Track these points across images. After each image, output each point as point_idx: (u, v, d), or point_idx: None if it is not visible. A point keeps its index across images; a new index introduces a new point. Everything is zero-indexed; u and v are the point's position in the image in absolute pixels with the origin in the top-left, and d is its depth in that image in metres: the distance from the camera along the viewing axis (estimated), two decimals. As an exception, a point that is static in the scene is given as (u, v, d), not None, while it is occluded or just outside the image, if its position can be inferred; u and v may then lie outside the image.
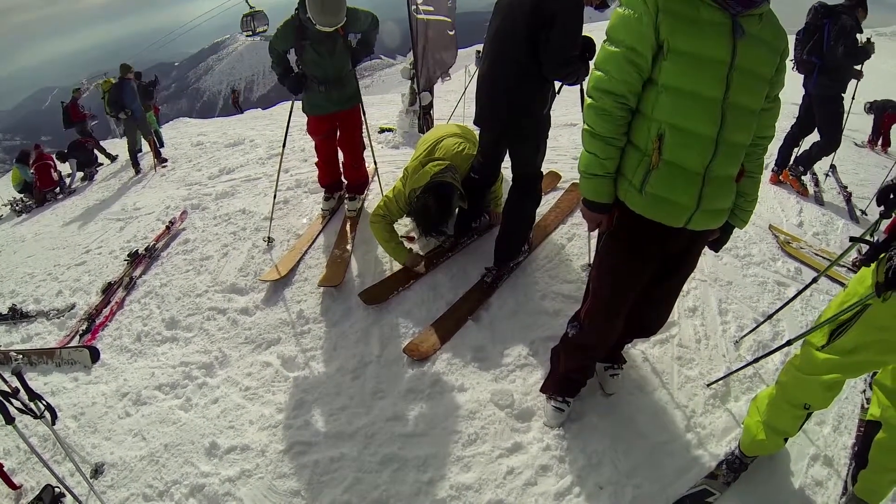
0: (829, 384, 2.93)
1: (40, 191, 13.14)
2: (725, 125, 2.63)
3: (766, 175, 7.67)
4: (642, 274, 3.12)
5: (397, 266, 5.19)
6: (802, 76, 7.38)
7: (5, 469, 3.98)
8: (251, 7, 15.63)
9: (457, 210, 5.03)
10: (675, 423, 3.76)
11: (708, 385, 4.01)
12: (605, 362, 3.91)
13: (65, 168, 14.22)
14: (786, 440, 3.29)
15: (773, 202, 7.09)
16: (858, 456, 3.39)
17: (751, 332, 4.43)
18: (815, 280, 4.35)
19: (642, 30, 2.59)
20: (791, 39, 6.31)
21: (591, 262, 4.68)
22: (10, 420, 3.33)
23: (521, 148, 4.60)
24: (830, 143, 7.43)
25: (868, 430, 3.28)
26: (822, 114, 7.33)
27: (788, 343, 3.93)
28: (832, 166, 8.40)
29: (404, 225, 5.46)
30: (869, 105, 13.27)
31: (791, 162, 7.80)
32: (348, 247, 5.66)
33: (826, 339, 2.86)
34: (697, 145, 2.68)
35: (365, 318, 4.78)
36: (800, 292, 4.46)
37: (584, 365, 3.65)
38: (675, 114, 2.66)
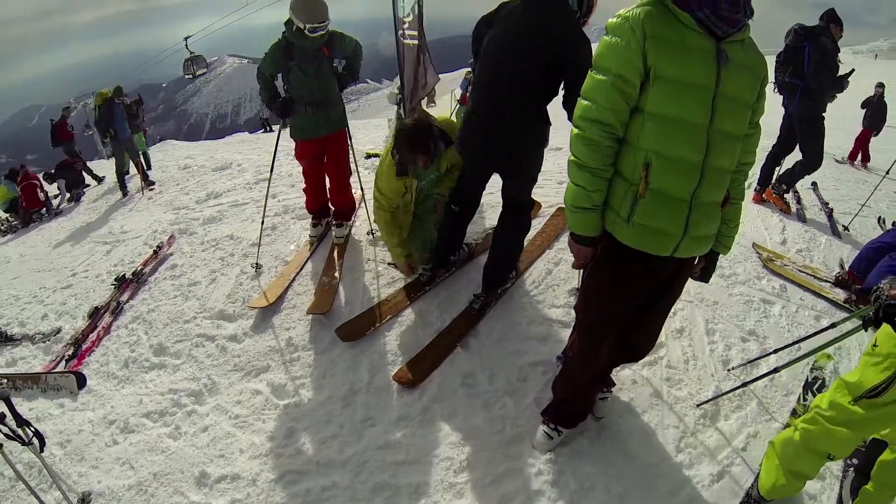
0: (860, 437, 2.97)
1: (26, 211, 13.06)
2: (711, 151, 2.66)
3: (749, 194, 7.73)
4: (629, 304, 3.14)
5: (385, 294, 5.20)
6: (782, 96, 7.49)
7: None
8: (191, 52, 16.26)
9: (438, 155, 4.84)
10: (666, 443, 3.78)
11: (698, 405, 4.04)
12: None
13: (52, 189, 14.14)
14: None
15: (757, 221, 7.20)
16: (859, 471, 3.43)
17: (747, 363, 4.44)
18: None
19: (630, 56, 2.59)
20: (770, 61, 6.40)
21: (579, 286, 4.68)
22: None
23: (516, 181, 4.60)
24: (813, 162, 7.53)
25: (872, 446, 3.30)
26: (805, 134, 7.45)
27: (776, 370, 4.04)
28: (813, 183, 8.61)
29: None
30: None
31: (773, 181, 7.89)
32: (336, 274, 5.67)
33: (862, 394, 2.79)
34: (684, 172, 2.69)
35: (354, 346, 4.77)
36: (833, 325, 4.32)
37: (576, 395, 3.64)
38: (661, 141, 2.66)
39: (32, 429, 3.42)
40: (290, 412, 4.32)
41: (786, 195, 7.83)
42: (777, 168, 7.93)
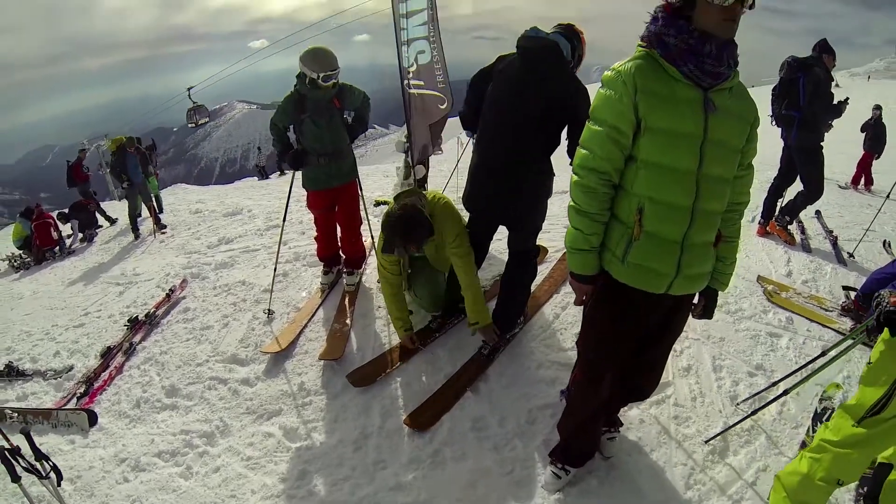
0: (868, 457, 3.02)
1: (39, 249, 13.18)
2: (700, 195, 2.79)
3: (753, 228, 7.83)
4: (627, 339, 3.26)
5: (396, 340, 5.24)
6: (780, 128, 7.57)
7: None
8: (194, 102, 16.75)
9: (426, 241, 4.73)
10: (675, 481, 3.78)
11: (706, 441, 4.04)
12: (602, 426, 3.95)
13: (65, 228, 14.30)
14: None
15: (762, 254, 7.21)
16: (868, 497, 3.37)
17: (754, 396, 4.43)
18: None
19: (622, 109, 2.75)
20: (765, 92, 6.49)
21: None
22: (16, 478, 3.34)
23: (522, 232, 4.77)
24: (814, 192, 7.57)
25: (879, 471, 3.28)
26: (805, 165, 7.49)
27: (785, 393, 4.07)
28: (817, 212, 8.57)
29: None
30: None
31: (777, 213, 7.92)
32: (348, 321, 5.74)
33: (864, 413, 2.88)
34: (675, 216, 2.84)
35: (365, 391, 4.82)
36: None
37: (579, 431, 3.69)
38: (653, 187, 2.82)
39: (51, 463, 3.46)
40: (303, 455, 4.35)
41: (789, 226, 7.86)
42: (780, 200, 7.94)
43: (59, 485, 3.54)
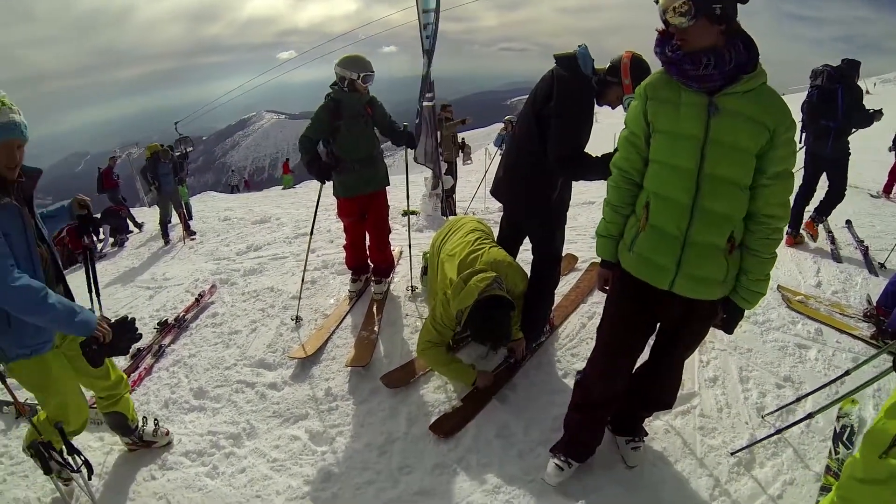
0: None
1: (71, 252, 13.35)
2: (701, 194, 2.92)
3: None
4: (636, 325, 3.44)
5: None
6: (802, 136, 7.58)
7: None
8: (180, 134, 17.74)
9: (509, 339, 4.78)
10: (699, 493, 3.75)
11: (732, 453, 4.01)
12: (626, 435, 3.98)
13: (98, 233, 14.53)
14: None
15: (790, 264, 7.14)
16: None
17: (782, 409, 4.38)
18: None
19: (637, 115, 3.09)
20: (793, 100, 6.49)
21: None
22: (48, 471, 3.46)
23: (536, 232, 4.90)
24: (840, 194, 7.73)
25: None
26: (836, 172, 7.62)
27: (810, 416, 3.99)
28: (848, 221, 8.47)
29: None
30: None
31: (811, 216, 8.00)
32: (375, 328, 5.80)
33: (888, 446, 2.71)
34: (674, 211, 3.00)
35: (392, 397, 4.87)
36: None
37: (587, 422, 3.78)
38: (657, 183, 3.08)
39: (82, 458, 3.54)
40: (328, 458, 4.40)
41: (819, 224, 7.97)
42: (806, 207, 7.96)
43: (89, 479, 3.61)
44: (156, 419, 4.74)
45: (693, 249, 3.00)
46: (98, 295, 4.56)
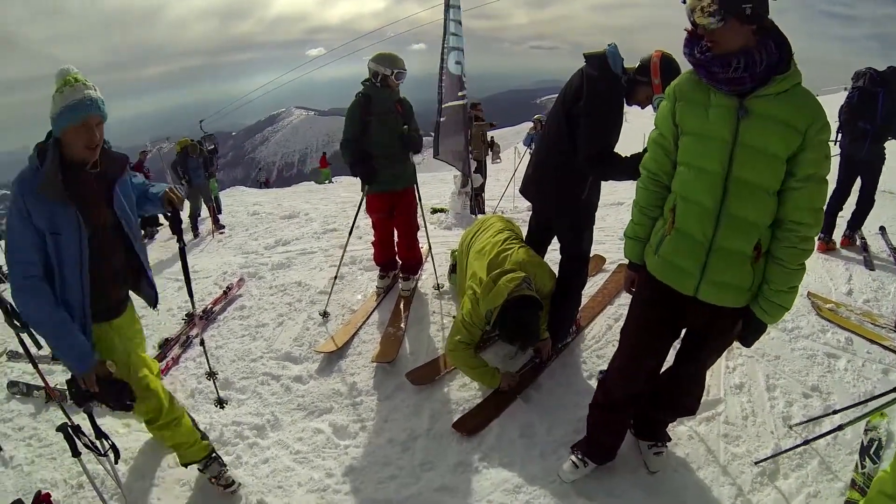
0: None
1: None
2: (728, 198, 2.85)
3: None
4: (660, 332, 3.42)
5: None
6: (837, 137, 7.53)
7: (52, 499, 4.10)
8: (204, 132, 17.96)
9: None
10: (721, 501, 3.71)
11: (756, 463, 3.95)
12: (649, 440, 3.96)
13: None
14: None
15: (822, 271, 6.99)
16: None
17: (810, 421, 4.31)
18: None
19: (666, 116, 3.07)
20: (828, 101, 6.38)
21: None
22: (76, 453, 3.50)
23: (564, 231, 4.92)
24: (870, 200, 7.64)
25: None
26: (869, 175, 7.53)
27: (839, 428, 3.89)
28: (882, 227, 8.29)
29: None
30: None
31: (846, 230, 7.85)
32: (402, 325, 5.85)
33: None
34: (700, 215, 2.95)
35: (416, 394, 4.91)
36: None
37: (607, 423, 3.77)
38: (684, 186, 3.03)
39: (110, 442, 3.61)
40: (350, 452, 4.45)
41: (854, 235, 7.85)
42: (839, 211, 7.87)
43: (115, 463, 3.68)
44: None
45: (718, 255, 2.94)
46: (190, 292, 4.53)
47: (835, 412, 4.27)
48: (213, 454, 4.19)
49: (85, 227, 3.19)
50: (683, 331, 3.50)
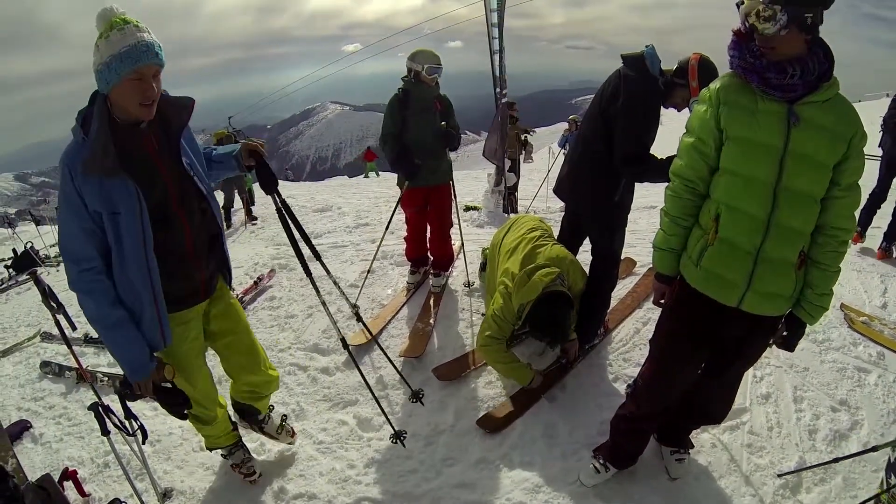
0: None
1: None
2: (778, 208, 2.78)
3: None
4: (696, 347, 3.33)
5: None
6: (881, 138, 7.63)
7: (79, 476, 4.19)
8: (233, 128, 17.99)
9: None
10: (742, 511, 3.67)
11: (779, 475, 3.90)
12: (672, 446, 3.94)
13: None
14: None
15: (856, 283, 6.85)
16: None
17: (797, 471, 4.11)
18: None
19: (707, 121, 2.91)
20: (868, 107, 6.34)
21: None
22: (105, 432, 3.54)
23: (595, 232, 4.91)
24: None
25: None
26: None
27: (874, 449, 3.77)
28: None
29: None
30: None
31: (882, 243, 7.76)
32: (431, 321, 5.89)
33: None
34: (748, 225, 2.86)
35: (442, 389, 4.94)
36: None
37: (632, 432, 3.75)
38: (730, 195, 2.89)
39: (138, 423, 3.65)
40: (373, 445, 4.50)
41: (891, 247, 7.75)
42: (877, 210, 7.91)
43: (143, 443, 3.75)
44: (284, 415, 4.47)
45: (766, 265, 2.89)
46: (317, 255, 4.57)
47: (873, 449, 4.05)
48: (240, 443, 4.17)
49: (146, 202, 2.79)
50: (714, 340, 3.40)
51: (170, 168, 2.91)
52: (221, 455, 4.22)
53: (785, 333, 3.16)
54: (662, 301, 3.42)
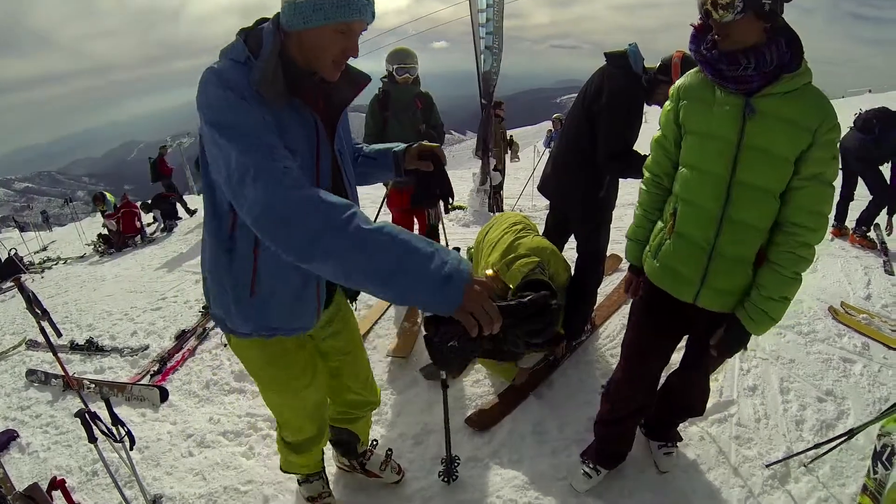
0: None
1: (122, 236, 13.78)
2: (731, 203, 2.73)
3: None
4: (661, 340, 3.37)
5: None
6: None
7: (67, 485, 4.15)
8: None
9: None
10: (731, 503, 3.70)
11: (767, 466, 3.93)
12: (659, 440, 3.96)
13: (147, 217, 15.06)
14: None
15: (840, 275, 6.96)
16: None
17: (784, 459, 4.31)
18: None
19: (669, 117, 2.98)
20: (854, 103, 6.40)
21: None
22: (92, 440, 3.48)
23: (581, 229, 4.91)
24: (881, 195, 7.87)
25: None
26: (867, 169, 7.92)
27: (850, 434, 3.84)
28: None
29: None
30: None
31: (855, 225, 8.10)
32: (418, 320, 5.86)
33: None
34: (702, 220, 2.84)
35: (429, 389, 4.90)
36: None
37: (614, 433, 3.74)
38: (686, 189, 2.91)
39: (125, 429, 3.60)
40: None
41: (868, 234, 7.99)
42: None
43: (131, 449, 3.68)
44: (389, 450, 4.04)
45: (720, 261, 2.83)
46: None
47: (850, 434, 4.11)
48: (322, 472, 3.72)
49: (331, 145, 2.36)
50: (684, 334, 3.44)
51: (323, 150, 2.36)
52: (297, 482, 3.83)
53: (722, 333, 2.96)
54: (632, 291, 3.47)
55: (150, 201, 15.72)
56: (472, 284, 1.76)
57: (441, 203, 3.09)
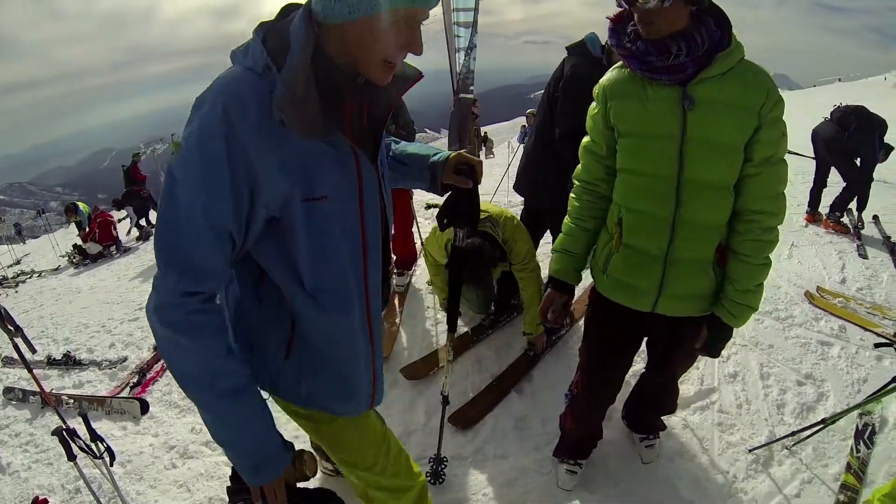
0: None
1: (99, 245, 13.64)
2: (683, 204, 2.51)
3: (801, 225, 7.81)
4: (619, 353, 3.22)
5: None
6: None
7: None
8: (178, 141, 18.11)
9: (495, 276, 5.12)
10: (716, 488, 3.72)
11: (750, 451, 3.96)
12: (641, 433, 3.96)
13: (119, 214, 14.96)
14: None
15: (815, 260, 7.05)
16: None
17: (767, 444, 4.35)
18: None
19: (597, 120, 2.71)
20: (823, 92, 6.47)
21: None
22: (72, 457, 3.43)
23: (555, 222, 4.81)
24: (854, 183, 8.00)
25: None
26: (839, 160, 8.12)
27: (823, 422, 3.84)
28: (875, 217, 8.31)
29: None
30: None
31: (829, 210, 8.23)
32: (397, 320, 5.85)
33: None
34: (652, 227, 2.61)
35: (411, 389, 4.89)
36: None
37: (583, 433, 3.73)
38: (629, 196, 2.67)
39: (105, 444, 3.56)
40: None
41: (842, 220, 8.11)
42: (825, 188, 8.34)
43: (111, 464, 3.65)
44: None
45: (677, 267, 2.63)
46: None
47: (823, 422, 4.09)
48: None
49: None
50: (643, 341, 3.28)
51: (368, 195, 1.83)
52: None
53: (706, 336, 2.81)
54: (549, 315, 3.04)
55: (119, 198, 15.62)
56: (273, 485, 1.91)
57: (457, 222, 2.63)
